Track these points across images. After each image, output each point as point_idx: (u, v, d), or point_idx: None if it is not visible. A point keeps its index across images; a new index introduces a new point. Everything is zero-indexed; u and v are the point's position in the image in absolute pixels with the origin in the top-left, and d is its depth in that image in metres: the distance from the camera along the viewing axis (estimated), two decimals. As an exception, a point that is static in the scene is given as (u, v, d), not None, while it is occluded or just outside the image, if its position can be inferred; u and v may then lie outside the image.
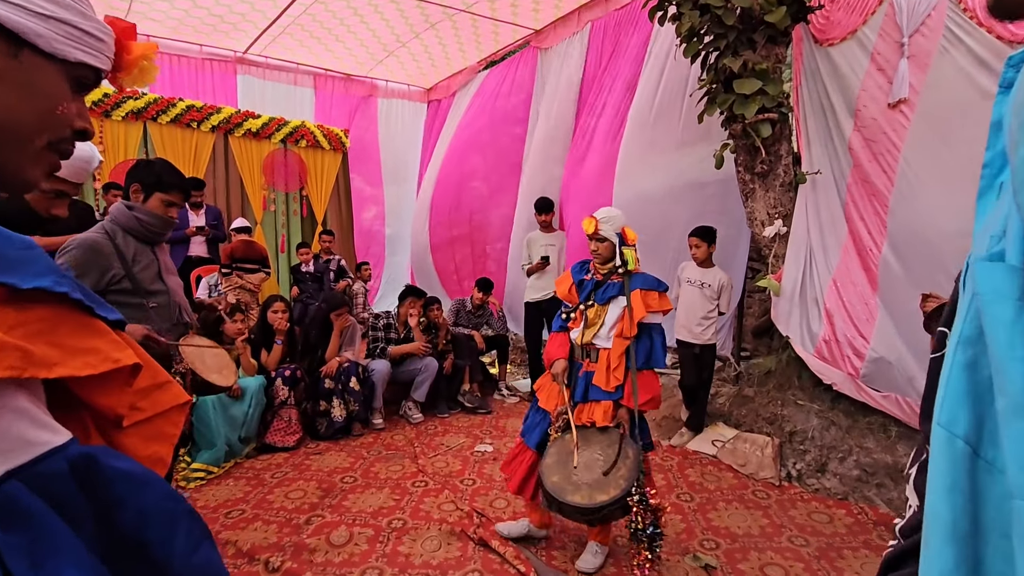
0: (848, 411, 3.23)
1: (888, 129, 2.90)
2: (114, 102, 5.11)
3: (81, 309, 0.53)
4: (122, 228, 1.97)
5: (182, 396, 0.66)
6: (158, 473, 0.59)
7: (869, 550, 2.46)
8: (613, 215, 2.31)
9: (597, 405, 2.26)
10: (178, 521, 0.52)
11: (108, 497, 0.47)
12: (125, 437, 0.58)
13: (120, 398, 0.55)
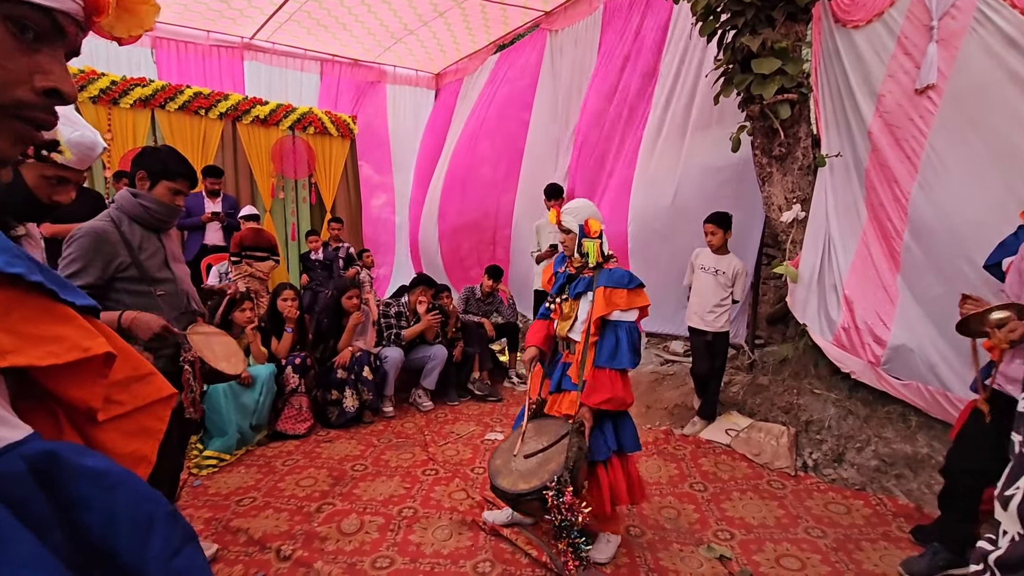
0: (866, 400, 3.17)
1: (914, 115, 2.80)
2: (121, 89, 5.08)
3: (42, 293, 0.47)
4: (128, 216, 1.94)
5: (166, 389, 0.61)
6: (140, 472, 0.55)
7: (888, 542, 2.41)
8: (577, 206, 2.27)
9: (567, 395, 2.25)
10: (155, 525, 0.47)
11: (72, 498, 0.42)
12: (102, 432, 0.53)
13: (93, 390, 0.50)
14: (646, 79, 4.53)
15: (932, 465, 2.77)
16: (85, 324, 0.50)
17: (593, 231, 2.18)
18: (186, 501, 2.79)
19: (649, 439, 3.58)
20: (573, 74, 5.46)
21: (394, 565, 2.26)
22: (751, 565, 2.26)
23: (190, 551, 0.50)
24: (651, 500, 2.82)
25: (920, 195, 2.80)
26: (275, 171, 6.11)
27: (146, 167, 1.97)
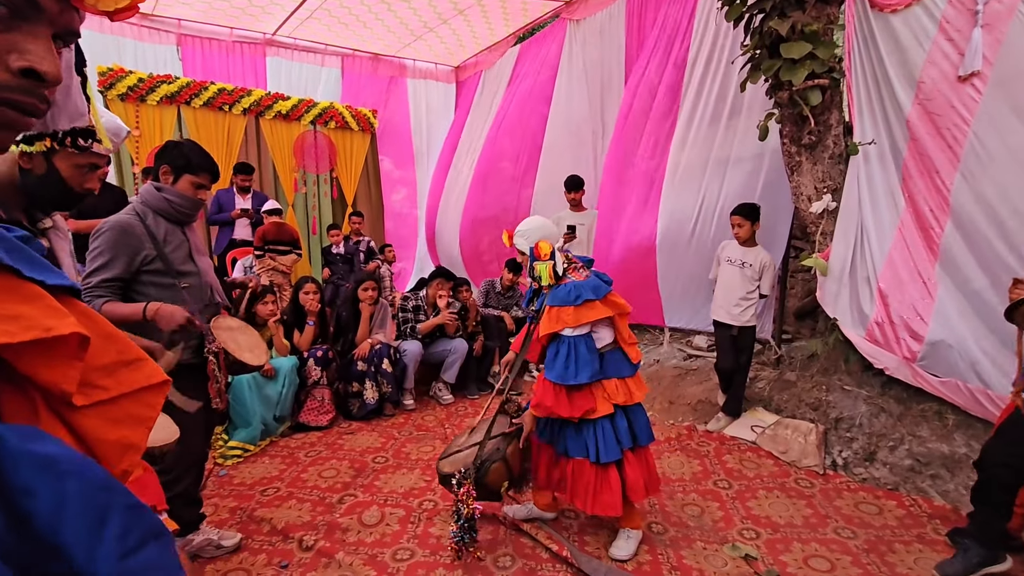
0: (900, 397, 3.06)
1: (957, 103, 2.68)
2: (148, 87, 5.17)
3: (3, 270, 0.45)
4: (152, 209, 1.97)
5: (156, 375, 0.57)
6: (128, 461, 0.52)
7: (923, 544, 2.32)
8: (528, 227, 2.30)
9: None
10: (109, 517, 0.42)
11: (14, 484, 0.38)
12: (84, 418, 0.49)
13: (66, 372, 0.46)
14: (677, 69, 4.42)
15: (970, 466, 2.65)
16: (54, 304, 0.47)
17: (543, 253, 2.19)
18: (212, 490, 2.84)
19: (672, 435, 3.52)
20: (598, 65, 5.34)
21: (414, 557, 2.27)
22: (778, 565, 2.20)
23: (153, 550, 0.45)
24: (674, 497, 2.77)
25: (963, 185, 2.68)
26: (297, 166, 6.17)
27: (169, 161, 1.99)
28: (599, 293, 2.14)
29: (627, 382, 2.21)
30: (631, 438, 2.19)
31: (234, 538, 2.34)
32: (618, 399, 2.16)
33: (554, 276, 2.17)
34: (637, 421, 2.22)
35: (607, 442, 2.14)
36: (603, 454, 2.13)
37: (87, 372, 0.49)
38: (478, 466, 2.25)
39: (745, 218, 3.37)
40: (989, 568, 2.07)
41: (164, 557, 0.46)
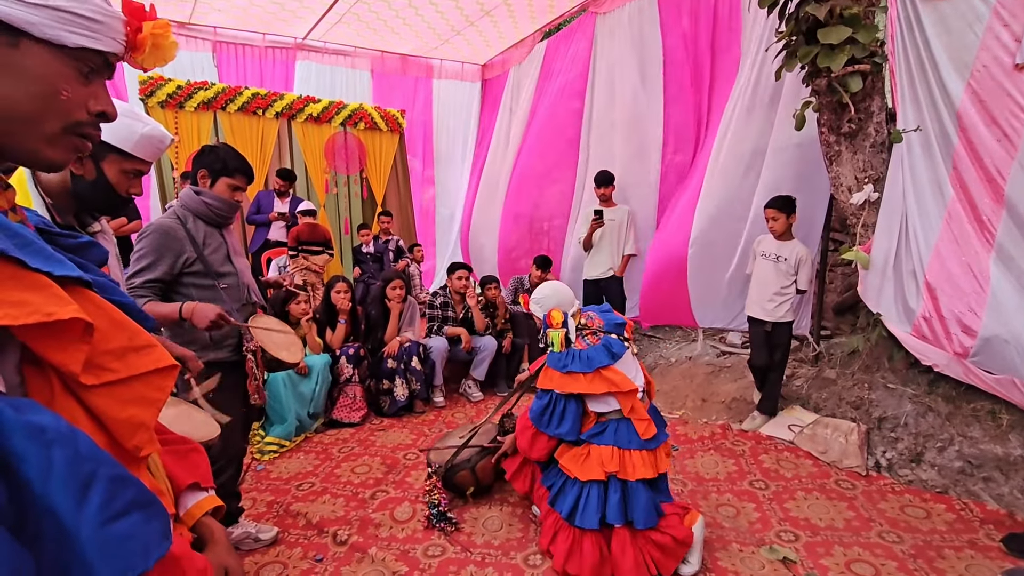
0: (948, 396, 2.92)
1: (1014, 92, 2.53)
2: (186, 94, 5.34)
3: (8, 261, 0.50)
4: (192, 213, 2.03)
5: (164, 360, 0.63)
6: (139, 439, 0.57)
7: (975, 550, 2.21)
8: (543, 295, 2.36)
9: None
10: (94, 485, 0.47)
11: (8, 450, 0.43)
12: (96, 398, 0.55)
13: (72, 355, 0.52)
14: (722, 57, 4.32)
15: (1027, 468, 2.52)
16: (59, 292, 0.53)
17: (555, 322, 2.23)
18: (250, 485, 2.92)
19: (705, 434, 3.45)
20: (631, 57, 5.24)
21: (445, 554, 2.28)
22: (818, 569, 2.13)
23: (137, 519, 0.49)
24: (708, 497, 2.71)
25: (1020, 177, 2.54)
26: (328, 167, 6.28)
27: (207, 165, 2.05)
28: (589, 366, 2.12)
29: (630, 454, 2.09)
30: (622, 515, 2.04)
31: (271, 531, 2.40)
32: (610, 467, 2.06)
33: (565, 343, 2.22)
34: (635, 500, 2.05)
35: (587, 508, 2.06)
36: (578, 517, 2.06)
37: (97, 355, 0.55)
38: (447, 468, 2.59)
39: (780, 211, 3.27)
40: None
41: (146, 527, 0.50)
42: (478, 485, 2.66)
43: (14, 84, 0.55)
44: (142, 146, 1.52)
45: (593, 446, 2.14)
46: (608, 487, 2.09)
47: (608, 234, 4.64)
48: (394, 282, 4.08)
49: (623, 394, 2.13)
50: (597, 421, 2.19)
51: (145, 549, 0.50)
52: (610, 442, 2.11)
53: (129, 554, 0.48)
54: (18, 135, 0.56)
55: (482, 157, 7.62)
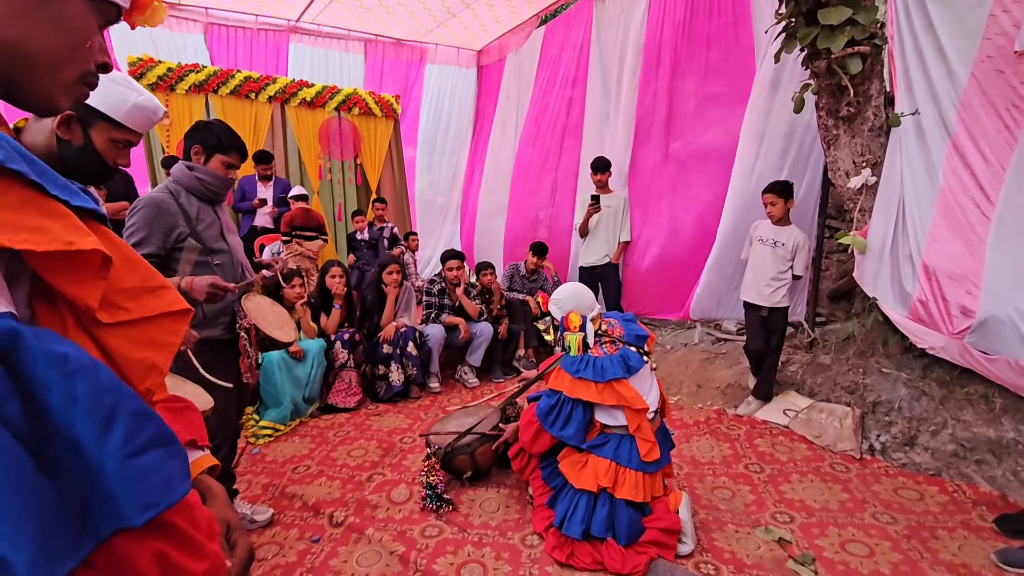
0: (942, 380, 2.93)
1: (1015, 81, 2.52)
2: (177, 76, 5.25)
3: (28, 185, 0.49)
4: (185, 188, 1.99)
5: (178, 303, 0.62)
6: (151, 381, 0.57)
7: (968, 531, 2.23)
8: (561, 297, 2.32)
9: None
10: (117, 417, 0.46)
11: (31, 379, 0.42)
12: (110, 337, 0.54)
13: (90, 290, 0.51)
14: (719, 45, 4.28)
15: (1019, 451, 2.54)
16: (78, 223, 0.51)
17: (573, 325, 2.20)
18: (244, 468, 2.91)
19: (701, 418, 3.46)
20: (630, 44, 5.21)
21: (443, 534, 2.28)
22: (813, 549, 2.14)
23: (159, 454, 0.49)
24: (703, 480, 2.73)
25: (1019, 165, 2.54)
26: (322, 153, 6.21)
27: (201, 141, 2.01)
28: (602, 376, 2.10)
29: (625, 472, 2.10)
30: (607, 529, 2.07)
31: (267, 513, 2.39)
32: (603, 481, 2.07)
33: (582, 347, 2.18)
34: (619, 517, 2.07)
35: (573, 517, 2.08)
36: (566, 525, 2.08)
37: (111, 293, 0.54)
38: (447, 451, 2.58)
39: (778, 196, 3.27)
40: None
41: (168, 463, 0.49)
42: (476, 470, 2.66)
43: (49, 31, 0.55)
44: (133, 116, 1.48)
45: (592, 456, 2.14)
46: (597, 500, 2.10)
47: (604, 221, 4.63)
48: (390, 267, 4.04)
49: (632, 411, 2.10)
50: (602, 432, 2.18)
51: (169, 483, 0.49)
52: (609, 456, 2.11)
53: (153, 487, 0.47)
54: (39, 80, 0.56)
55: (481, 145, 7.57)
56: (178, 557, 0.48)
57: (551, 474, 2.29)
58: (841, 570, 2.02)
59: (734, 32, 4.32)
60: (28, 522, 0.37)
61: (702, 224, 4.60)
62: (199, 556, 0.50)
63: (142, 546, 0.45)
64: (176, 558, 0.47)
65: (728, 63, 4.38)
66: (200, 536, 0.50)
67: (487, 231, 7.16)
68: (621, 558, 2.02)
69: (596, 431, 2.20)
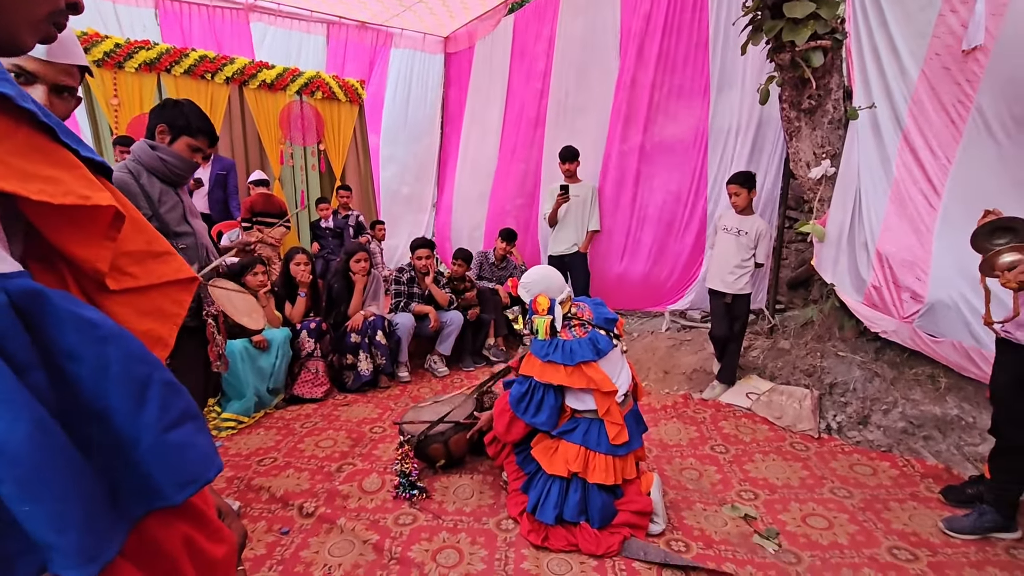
0: (893, 362, 3.10)
1: (960, 78, 2.67)
2: (126, 53, 4.95)
3: (37, 128, 0.44)
4: (146, 168, 1.89)
5: (184, 271, 0.57)
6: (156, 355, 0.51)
7: (917, 502, 2.37)
8: (530, 280, 2.31)
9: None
10: (150, 388, 0.42)
11: (59, 344, 0.38)
12: (115, 305, 0.49)
13: (99, 251, 0.46)
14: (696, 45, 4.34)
15: (962, 426, 2.72)
16: (90, 176, 0.46)
17: (541, 308, 2.19)
18: (207, 461, 2.80)
19: (668, 403, 3.55)
20: (591, 35, 5.23)
21: (417, 522, 2.26)
22: (777, 524, 2.24)
23: (191, 428, 0.45)
24: (672, 461, 2.80)
25: (964, 158, 2.70)
26: (283, 138, 6.00)
27: (168, 121, 1.91)
28: (571, 359, 2.10)
29: (595, 456, 2.11)
30: (580, 514, 2.10)
31: (232, 506, 2.31)
32: (573, 467, 2.09)
33: (551, 331, 2.17)
34: (592, 501, 2.10)
35: (546, 502, 2.10)
36: (540, 511, 2.10)
37: (117, 257, 0.48)
38: (421, 439, 2.56)
39: (741, 186, 3.35)
40: (999, 534, 2.12)
41: (200, 438, 0.46)
42: (450, 458, 2.64)
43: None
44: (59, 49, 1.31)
45: (562, 442, 2.15)
46: (570, 486, 2.11)
47: (573, 210, 4.65)
48: (358, 254, 3.96)
49: (601, 394, 2.11)
50: (572, 417, 2.19)
51: (205, 459, 0.45)
52: (578, 441, 2.12)
53: (190, 463, 0.43)
54: (7, 16, 0.51)
55: (452, 135, 7.48)
56: (201, 541, 0.45)
57: (525, 459, 2.29)
58: (803, 542, 2.12)
59: (698, 26, 4.39)
60: (71, 502, 0.34)
61: (666, 215, 4.69)
62: (218, 540, 0.46)
63: (172, 529, 0.42)
64: (199, 541, 0.44)
65: (692, 56, 4.46)
66: (216, 519, 0.47)
67: (463, 222, 7.09)
68: (595, 540, 2.05)
69: (567, 417, 2.21)
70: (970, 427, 2.68)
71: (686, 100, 4.50)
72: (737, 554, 2.05)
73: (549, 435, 2.22)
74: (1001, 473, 2.15)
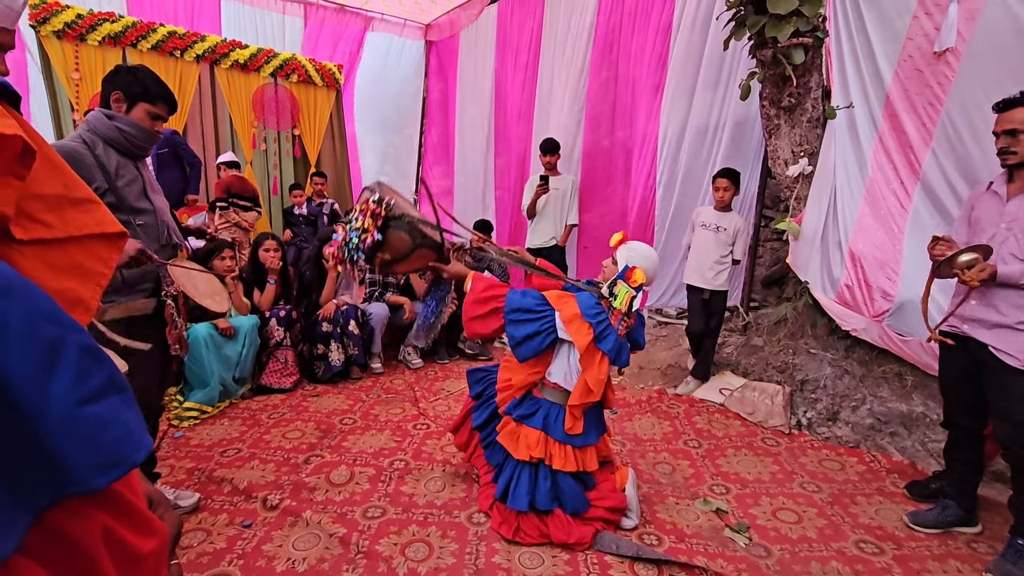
0: (863, 360, 3.15)
1: (932, 81, 2.72)
2: (88, 24, 4.71)
3: None
4: (102, 139, 1.77)
5: (110, 224, 0.48)
6: (78, 318, 0.43)
7: (883, 496, 2.42)
8: (639, 248, 2.11)
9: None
10: (63, 353, 0.34)
11: None
12: (22, 258, 0.41)
13: (3, 191, 0.37)
14: (660, 34, 4.33)
15: (927, 423, 2.78)
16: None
17: (633, 280, 1.99)
18: (167, 451, 2.69)
19: (643, 398, 3.55)
20: (569, 29, 5.19)
21: (386, 515, 2.20)
22: (748, 518, 2.24)
23: (116, 402, 0.37)
24: (645, 456, 2.79)
25: (933, 161, 2.76)
26: (256, 121, 5.81)
27: (123, 88, 1.79)
28: (617, 358, 1.99)
29: (555, 444, 2.07)
30: (552, 501, 2.05)
31: (191, 498, 2.21)
32: (535, 452, 2.04)
33: (628, 306, 1.99)
34: (562, 488, 2.06)
35: (517, 489, 2.05)
36: (512, 498, 2.05)
37: (26, 200, 0.40)
38: (393, 216, 1.91)
39: (732, 181, 3.37)
40: (961, 528, 2.17)
41: (128, 414, 0.37)
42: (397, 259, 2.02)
43: None
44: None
45: (523, 426, 2.11)
46: (539, 472, 2.07)
47: (552, 203, 4.62)
48: (332, 241, 3.84)
49: (587, 387, 1.98)
50: (530, 398, 2.13)
51: (131, 438, 0.37)
52: (539, 426, 2.07)
53: (113, 443, 0.36)
54: None
55: (435, 125, 7.37)
56: (124, 532, 0.37)
57: (493, 452, 2.25)
58: (773, 536, 2.13)
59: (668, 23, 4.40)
60: None
61: (644, 211, 4.70)
62: (146, 532, 0.39)
63: (88, 520, 0.35)
64: (122, 533, 0.37)
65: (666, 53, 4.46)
66: (145, 509, 0.40)
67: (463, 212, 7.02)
68: (567, 528, 2.02)
69: (535, 376, 2.11)
70: (934, 424, 2.75)
71: (662, 97, 4.50)
72: (708, 548, 2.04)
73: (514, 419, 2.13)
74: (958, 464, 2.22)
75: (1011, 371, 1.91)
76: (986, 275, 1.89)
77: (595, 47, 4.99)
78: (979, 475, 2.19)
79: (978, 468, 2.19)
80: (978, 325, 2.02)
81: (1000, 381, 1.95)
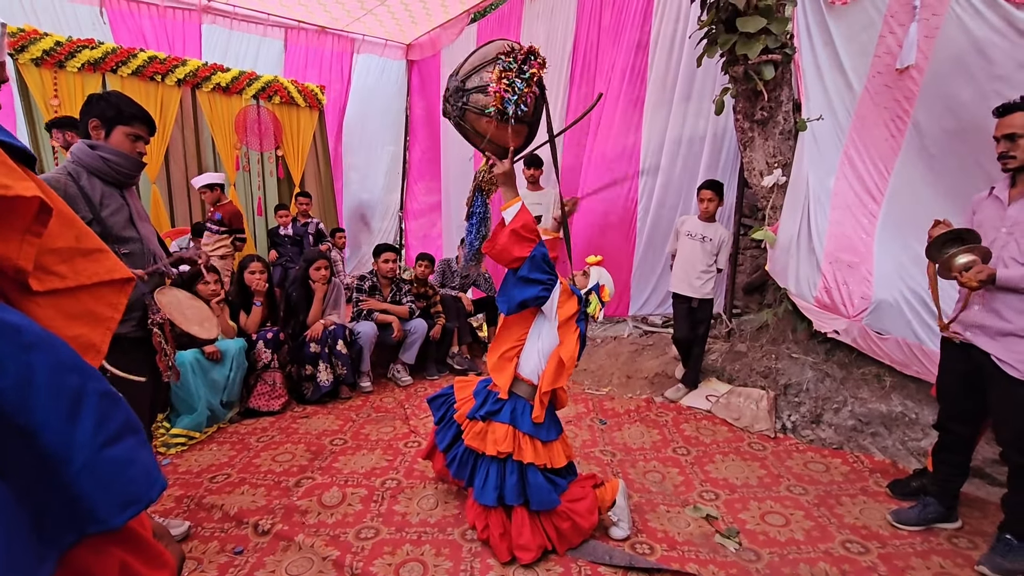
0: (843, 363, 3.23)
1: (899, 96, 2.85)
2: (68, 51, 4.71)
3: None
4: (87, 169, 1.79)
5: (119, 271, 0.51)
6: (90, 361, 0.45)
7: (867, 496, 2.47)
8: (606, 276, 2.26)
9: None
10: (84, 401, 0.37)
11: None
12: (38, 308, 0.44)
13: (20, 246, 0.40)
14: (638, 51, 4.45)
15: (906, 423, 2.85)
16: (10, 164, 0.41)
17: (604, 295, 2.20)
18: (155, 480, 2.66)
19: (631, 407, 3.59)
20: (548, 47, 5.32)
21: (379, 535, 2.20)
22: (737, 523, 2.28)
23: (132, 443, 0.41)
24: (636, 465, 2.82)
25: (901, 168, 2.87)
26: (239, 143, 5.82)
27: (97, 114, 1.81)
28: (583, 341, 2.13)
29: (523, 437, 2.08)
30: (519, 496, 2.06)
31: (182, 526, 2.19)
32: (503, 447, 2.05)
33: (599, 310, 2.18)
34: (530, 482, 2.06)
35: (486, 485, 2.08)
36: (481, 493, 2.07)
37: (42, 254, 0.43)
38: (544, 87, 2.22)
39: (716, 193, 3.45)
40: (942, 524, 2.23)
41: (143, 453, 0.41)
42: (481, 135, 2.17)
43: None
44: None
45: (492, 423, 2.12)
46: (506, 467, 2.09)
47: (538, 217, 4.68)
48: (318, 262, 3.86)
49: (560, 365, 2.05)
50: (495, 399, 2.15)
51: (148, 476, 0.40)
52: (506, 420, 2.10)
53: (131, 482, 0.39)
54: None
55: (419, 143, 7.43)
56: (140, 567, 0.40)
57: (459, 469, 2.22)
58: (762, 540, 2.17)
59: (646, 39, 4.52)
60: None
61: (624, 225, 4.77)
62: (158, 565, 0.42)
63: (107, 556, 0.37)
64: (138, 568, 0.40)
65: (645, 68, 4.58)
66: (155, 542, 0.43)
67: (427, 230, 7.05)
68: (527, 531, 2.03)
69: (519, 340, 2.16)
70: (913, 423, 2.82)
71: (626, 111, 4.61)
72: (700, 554, 2.08)
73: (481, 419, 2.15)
74: (944, 466, 2.27)
75: (1013, 381, 1.92)
76: (984, 277, 1.88)
77: (574, 63, 5.10)
78: (964, 476, 2.25)
79: (964, 471, 2.24)
80: (981, 332, 2.02)
81: (1002, 390, 1.96)
